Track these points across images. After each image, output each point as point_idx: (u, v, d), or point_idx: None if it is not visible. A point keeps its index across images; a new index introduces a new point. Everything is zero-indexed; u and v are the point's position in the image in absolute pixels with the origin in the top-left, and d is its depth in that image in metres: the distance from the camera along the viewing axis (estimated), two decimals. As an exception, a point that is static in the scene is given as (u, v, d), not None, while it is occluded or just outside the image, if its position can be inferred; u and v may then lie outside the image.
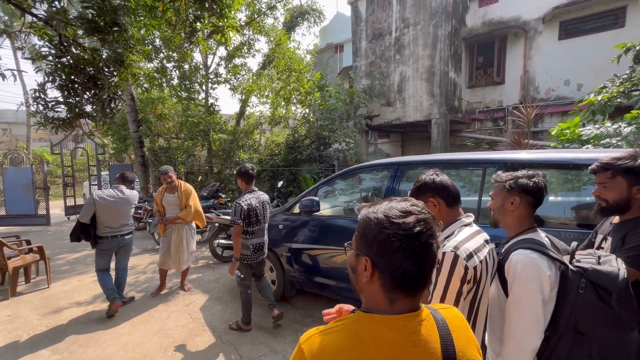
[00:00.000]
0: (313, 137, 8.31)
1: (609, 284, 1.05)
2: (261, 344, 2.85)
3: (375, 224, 0.67)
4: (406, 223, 0.65)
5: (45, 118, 3.92)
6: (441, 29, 8.23)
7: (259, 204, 3.01)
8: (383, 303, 0.67)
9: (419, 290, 0.67)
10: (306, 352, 0.64)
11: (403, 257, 0.64)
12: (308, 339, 0.66)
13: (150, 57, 7.98)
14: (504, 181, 1.27)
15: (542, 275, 1.08)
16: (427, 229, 0.66)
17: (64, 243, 6.78)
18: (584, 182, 2.35)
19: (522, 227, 1.24)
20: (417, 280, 0.66)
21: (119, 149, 11.40)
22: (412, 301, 0.67)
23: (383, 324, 0.64)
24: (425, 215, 0.68)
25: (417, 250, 0.64)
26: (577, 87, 8.15)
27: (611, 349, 1.05)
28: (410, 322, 0.65)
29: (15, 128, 23.60)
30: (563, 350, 1.09)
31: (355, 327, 0.65)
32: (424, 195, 1.33)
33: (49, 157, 15.68)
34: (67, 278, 4.65)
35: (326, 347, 0.63)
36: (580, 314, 1.07)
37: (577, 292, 1.08)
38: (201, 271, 4.81)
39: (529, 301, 1.09)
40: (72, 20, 3.50)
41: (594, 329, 1.06)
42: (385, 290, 0.66)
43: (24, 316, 3.49)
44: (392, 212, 0.67)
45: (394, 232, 0.64)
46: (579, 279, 1.09)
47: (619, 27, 7.59)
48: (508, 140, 6.39)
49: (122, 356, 2.73)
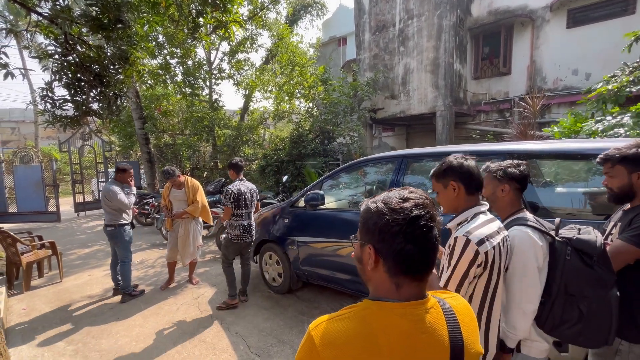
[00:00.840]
0: (317, 131, 8.31)
1: (590, 249, 1.21)
2: (269, 335, 2.90)
3: (375, 212, 0.69)
4: (404, 208, 0.67)
5: (53, 116, 3.98)
6: (446, 19, 8.10)
7: (247, 191, 3.47)
8: (390, 289, 0.68)
9: (423, 275, 0.69)
10: (316, 338, 0.65)
11: (404, 241, 0.65)
12: (317, 326, 0.67)
13: (154, 53, 8.02)
14: (494, 171, 1.42)
15: (536, 245, 1.24)
16: (425, 212, 0.67)
17: (75, 239, 6.93)
18: (592, 172, 2.33)
19: (513, 209, 1.41)
20: (419, 264, 0.67)
21: (125, 146, 11.53)
22: (417, 287, 0.68)
23: (390, 311, 0.66)
24: (423, 200, 0.69)
25: (417, 233, 0.66)
26: (585, 77, 7.99)
27: (597, 305, 1.21)
28: (417, 310, 0.66)
29: (24, 127, 23.92)
30: (557, 311, 1.25)
31: (363, 314, 0.67)
32: (447, 178, 1.32)
33: (57, 155, 15.90)
34: (79, 272, 4.76)
35: (335, 334, 0.64)
36: (569, 278, 1.23)
37: (565, 259, 1.24)
38: (208, 265, 4.89)
39: (526, 270, 1.23)
40: (77, 18, 3.53)
41: (581, 290, 1.22)
42: (391, 275, 0.68)
43: (39, 309, 3.60)
44: (391, 199, 0.69)
45: (392, 217, 0.66)
46: (565, 247, 1.25)
47: (628, 14, 7.39)
48: (514, 132, 6.32)
49: (134, 347, 2.81)
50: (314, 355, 0.64)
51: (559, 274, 1.24)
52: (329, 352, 0.62)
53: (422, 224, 0.66)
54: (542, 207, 2.21)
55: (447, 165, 1.33)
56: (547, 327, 1.29)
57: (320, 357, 0.63)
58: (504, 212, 1.44)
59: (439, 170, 1.36)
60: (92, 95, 4.17)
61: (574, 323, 1.23)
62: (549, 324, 1.28)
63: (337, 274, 3.15)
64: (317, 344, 0.64)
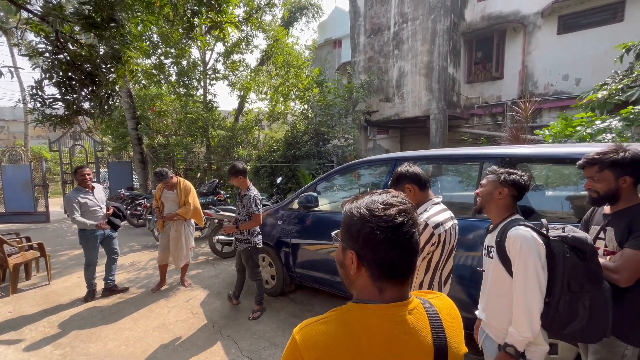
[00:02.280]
0: (312, 133, 8.31)
1: (584, 246, 1.27)
2: (261, 337, 2.88)
3: (358, 218, 0.68)
4: (388, 215, 0.66)
5: (42, 115, 3.91)
6: (440, 23, 8.19)
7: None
8: (372, 292, 0.68)
9: (405, 279, 0.69)
10: (299, 341, 0.65)
11: (388, 248, 0.65)
12: (301, 329, 0.68)
13: (148, 53, 7.93)
14: (499, 173, 1.47)
15: (538, 244, 1.28)
16: (408, 218, 0.67)
17: (64, 240, 6.80)
18: (581, 175, 2.36)
19: (506, 213, 1.45)
20: (403, 269, 0.67)
21: (118, 147, 11.39)
22: (400, 289, 0.69)
23: (372, 312, 0.66)
24: (406, 206, 0.69)
25: (401, 240, 0.66)
26: (575, 82, 8.15)
27: (597, 299, 1.26)
28: (399, 311, 0.66)
29: (13, 125, 23.48)
30: (564, 310, 1.27)
31: (346, 317, 0.67)
32: (402, 184, 1.64)
33: (47, 155, 15.64)
34: (68, 275, 4.67)
35: (318, 336, 0.65)
36: (571, 275, 1.26)
37: (565, 257, 1.27)
38: (201, 267, 4.84)
39: (531, 269, 1.26)
40: (69, 16, 3.48)
41: (582, 285, 1.26)
42: (374, 280, 0.68)
43: (26, 312, 3.52)
44: (374, 205, 0.68)
45: (377, 224, 0.65)
46: (562, 245, 1.28)
47: (617, 22, 7.57)
48: (506, 136, 6.40)
49: (123, 351, 2.75)
50: (296, 355, 0.64)
51: (560, 273, 1.26)
52: (311, 354, 0.63)
53: (406, 230, 0.66)
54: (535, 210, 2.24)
55: (398, 174, 1.67)
56: (555, 328, 1.30)
57: (302, 357, 0.63)
58: (495, 215, 1.48)
59: (394, 179, 1.68)
60: (83, 94, 4.11)
61: (579, 320, 1.26)
62: (556, 325, 1.29)
63: (331, 276, 3.14)
64: (300, 346, 0.64)
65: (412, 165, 1.69)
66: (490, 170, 1.53)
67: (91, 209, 3.66)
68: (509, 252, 1.33)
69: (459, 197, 3.19)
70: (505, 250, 1.34)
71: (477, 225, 2.17)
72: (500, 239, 1.38)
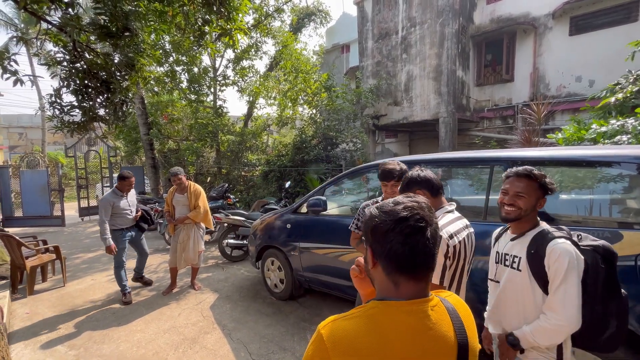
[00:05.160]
0: (320, 137, 8.34)
1: (613, 256, 1.25)
2: (270, 341, 2.88)
3: (369, 216, 0.75)
4: (393, 210, 0.71)
5: (61, 122, 4.05)
6: (448, 27, 8.16)
7: None
8: (389, 288, 0.72)
9: (418, 274, 0.70)
10: (325, 337, 0.66)
11: (392, 240, 0.69)
12: (326, 325, 0.69)
13: (160, 61, 8.14)
14: (538, 179, 1.31)
15: (580, 261, 1.23)
16: (414, 214, 0.70)
17: (79, 243, 6.97)
18: (596, 179, 2.31)
19: (534, 221, 1.35)
20: (410, 262, 0.69)
21: (130, 152, 11.65)
22: (416, 286, 0.71)
23: (397, 309, 0.68)
24: (414, 203, 0.72)
25: (405, 233, 0.68)
26: (589, 84, 7.98)
27: (622, 304, 1.25)
28: (423, 307, 0.69)
29: (31, 132, 24.29)
30: (598, 320, 1.23)
31: (372, 312, 0.69)
32: (412, 189, 1.49)
33: (63, 160, 16.10)
34: (82, 277, 4.78)
35: (344, 332, 0.66)
36: (607, 286, 1.23)
37: (599, 267, 1.23)
38: (211, 270, 4.88)
39: (576, 289, 1.19)
40: (85, 27, 3.61)
41: (614, 293, 1.24)
42: (387, 274, 0.71)
43: (42, 313, 3.61)
44: (385, 204, 0.74)
45: (382, 219, 0.71)
46: (595, 256, 1.24)
47: (631, 22, 7.40)
48: (518, 138, 6.30)
49: (135, 353, 2.80)
50: (323, 354, 0.65)
51: (595, 283, 1.22)
52: (338, 348, 0.64)
53: (410, 224, 0.69)
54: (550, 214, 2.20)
55: (408, 179, 1.53)
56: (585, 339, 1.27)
57: (329, 355, 0.64)
58: (525, 224, 1.35)
59: (404, 184, 1.55)
60: (98, 101, 4.25)
61: (609, 329, 1.24)
62: (587, 336, 1.25)
63: (340, 280, 3.13)
64: (326, 341, 0.65)
65: (424, 170, 1.54)
66: (520, 173, 1.34)
67: (123, 211, 3.87)
68: (550, 268, 1.21)
69: (468, 200, 3.15)
70: (544, 266, 1.23)
71: (490, 230, 2.13)
72: (535, 251, 1.26)
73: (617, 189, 2.10)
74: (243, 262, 5.25)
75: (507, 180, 1.38)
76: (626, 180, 2.04)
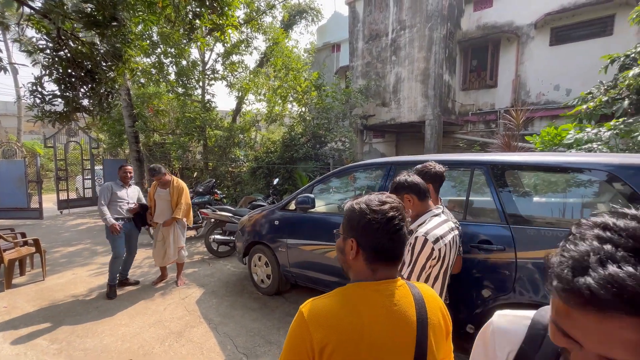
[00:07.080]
0: (309, 135, 8.38)
1: None
2: (256, 335, 2.93)
3: (358, 211, 0.85)
4: (382, 210, 0.83)
5: (42, 111, 3.93)
6: (436, 31, 8.36)
7: None
8: (367, 273, 0.84)
9: (393, 262, 0.85)
10: (305, 313, 0.78)
11: (381, 236, 0.82)
12: (306, 304, 0.81)
13: (148, 52, 7.95)
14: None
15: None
16: (398, 214, 0.84)
17: (59, 237, 6.77)
18: (569, 183, 2.48)
19: None
20: (392, 254, 0.84)
21: (115, 144, 11.33)
22: (389, 270, 0.85)
23: (367, 287, 0.81)
24: (397, 204, 0.86)
25: (392, 230, 0.82)
26: (566, 92, 8.37)
27: None
28: (389, 286, 0.82)
29: (5, 120, 23.10)
30: None
31: (346, 292, 0.82)
32: (400, 193, 1.58)
33: (41, 151, 15.44)
34: (62, 271, 4.66)
35: (321, 308, 0.78)
36: None
37: None
38: (197, 266, 4.87)
39: None
40: (71, 14, 3.51)
41: None
42: (368, 263, 0.84)
43: (21, 307, 3.52)
44: (372, 202, 0.85)
45: (373, 217, 0.82)
46: None
47: (607, 35, 7.82)
48: (499, 142, 6.56)
49: (119, 346, 2.79)
50: (303, 329, 0.76)
51: None
52: (316, 322, 0.75)
53: (396, 223, 0.83)
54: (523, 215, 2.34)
55: (397, 183, 1.61)
56: None
57: (309, 328, 0.75)
58: None
59: (393, 188, 1.62)
60: (82, 91, 4.14)
61: None
62: None
63: (326, 276, 3.21)
64: (307, 317, 0.77)
65: (412, 175, 1.62)
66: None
67: (119, 202, 3.84)
68: None
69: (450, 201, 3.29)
70: None
71: (469, 228, 2.26)
72: None
73: (589, 194, 2.27)
74: (229, 257, 5.26)
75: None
76: (596, 185, 2.21)
